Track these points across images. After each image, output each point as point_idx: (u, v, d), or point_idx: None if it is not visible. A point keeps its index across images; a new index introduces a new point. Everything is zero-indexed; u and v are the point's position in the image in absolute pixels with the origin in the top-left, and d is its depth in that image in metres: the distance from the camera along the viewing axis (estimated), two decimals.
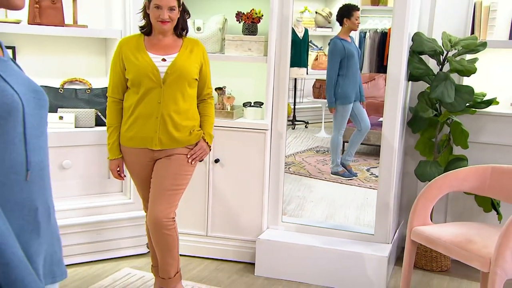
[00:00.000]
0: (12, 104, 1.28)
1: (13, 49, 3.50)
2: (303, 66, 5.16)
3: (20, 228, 1.33)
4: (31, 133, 1.34)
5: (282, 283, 3.30)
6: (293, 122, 5.58)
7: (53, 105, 3.48)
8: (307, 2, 5.45)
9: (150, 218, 2.82)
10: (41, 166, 1.38)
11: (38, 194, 1.38)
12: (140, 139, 2.80)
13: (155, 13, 2.68)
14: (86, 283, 3.21)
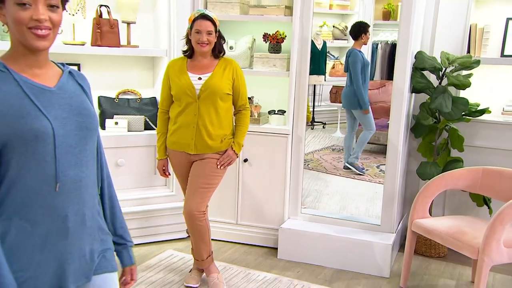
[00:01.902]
0: (40, 129, 1.29)
1: (78, 66, 3.53)
2: (321, 73, 5.12)
3: (48, 231, 1.34)
4: (66, 151, 1.34)
5: (301, 265, 3.31)
6: (312, 123, 5.55)
7: (109, 112, 3.53)
8: (326, 17, 5.40)
9: (185, 210, 2.84)
10: (76, 179, 1.37)
11: (71, 203, 1.37)
12: (180, 144, 2.83)
13: (195, 37, 2.71)
14: (139, 261, 3.21)
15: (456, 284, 3.08)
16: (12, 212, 1.29)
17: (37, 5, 1.24)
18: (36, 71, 1.33)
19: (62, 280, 1.38)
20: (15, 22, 1.25)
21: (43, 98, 1.31)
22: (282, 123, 3.51)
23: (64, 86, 1.38)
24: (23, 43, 1.29)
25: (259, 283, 2.99)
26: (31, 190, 1.30)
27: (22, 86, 1.29)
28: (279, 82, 3.56)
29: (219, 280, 2.90)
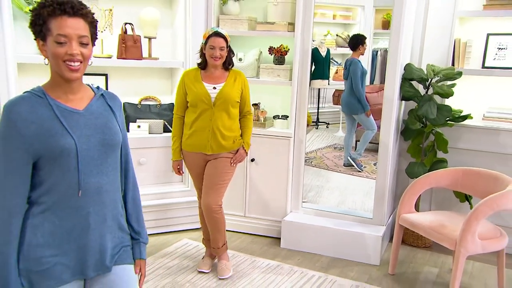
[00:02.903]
0: (65, 145, 1.40)
1: (106, 76, 3.65)
2: (325, 78, 5.20)
3: (73, 226, 1.46)
4: (88, 163, 1.45)
5: (301, 254, 3.40)
6: (317, 123, 5.65)
7: (133, 117, 3.65)
8: (330, 27, 5.46)
9: (204, 205, 2.95)
10: (97, 186, 1.48)
11: (92, 205, 1.48)
12: (197, 145, 2.90)
13: (209, 52, 2.80)
14: (156, 249, 3.38)
15: (439, 271, 3.21)
16: (46, 208, 1.43)
17: (71, 43, 1.38)
18: (69, 96, 1.46)
19: (84, 267, 1.50)
20: (53, 56, 1.39)
21: (71, 119, 1.44)
22: (285, 127, 3.58)
23: (92, 108, 1.49)
24: (59, 74, 1.42)
25: (263, 269, 3.13)
26: (61, 193, 1.44)
27: (54, 110, 1.41)
28: (282, 90, 3.63)
29: (226, 267, 3.03)
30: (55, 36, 1.37)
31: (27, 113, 1.38)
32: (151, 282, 2.91)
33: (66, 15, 1.38)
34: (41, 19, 1.38)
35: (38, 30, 1.40)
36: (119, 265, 1.58)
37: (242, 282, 2.96)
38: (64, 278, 1.47)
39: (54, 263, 1.45)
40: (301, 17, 3.36)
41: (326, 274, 3.10)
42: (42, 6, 1.39)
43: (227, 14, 3.67)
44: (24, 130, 1.37)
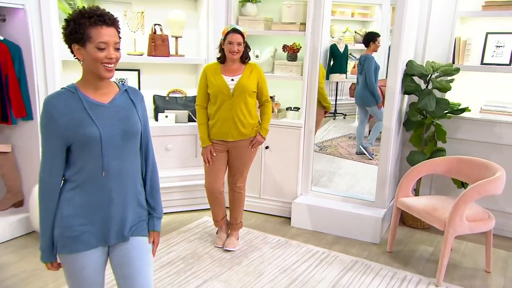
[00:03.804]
0: (89, 134, 1.53)
1: (138, 71, 3.87)
2: (343, 72, 5.20)
3: (98, 201, 1.59)
4: (110, 149, 1.56)
5: (308, 232, 3.57)
6: (334, 114, 5.75)
7: (161, 107, 3.88)
8: (349, 24, 5.46)
9: (231, 184, 3.16)
10: (118, 168, 1.60)
11: (114, 184, 1.61)
12: (220, 134, 3.02)
13: (228, 47, 2.91)
14: (180, 225, 3.62)
15: (433, 250, 3.33)
16: (76, 185, 1.59)
17: (109, 48, 1.51)
18: (98, 92, 1.59)
19: (107, 235, 1.64)
20: (93, 59, 1.51)
21: (97, 111, 1.56)
22: (297, 118, 3.73)
23: (116, 102, 1.61)
24: (95, 73, 1.54)
25: (273, 245, 3.33)
26: (88, 173, 1.58)
27: (84, 103, 1.55)
28: (295, 84, 3.76)
29: (233, 242, 3.23)
30: (97, 43, 1.49)
31: (61, 106, 1.52)
32: (175, 253, 3.16)
33: (105, 25, 1.50)
34: (82, 28, 1.49)
35: (79, 37, 1.50)
36: (135, 236, 1.70)
37: (254, 255, 3.17)
38: (91, 243, 1.62)
39: (83, 231, 1.59)
40: (311, 18, 3.49)
41: (329, 250, 3.27)
42: (82, 16, 1.50)
43: (246, 15, 3.83)
44: (59, 120, 1.51)
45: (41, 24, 3.16)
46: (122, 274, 1.69)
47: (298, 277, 2.90)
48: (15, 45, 3.20)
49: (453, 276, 2.98)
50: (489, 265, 3.03)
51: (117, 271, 1.70)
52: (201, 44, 3.95)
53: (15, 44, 3.20)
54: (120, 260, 1.68)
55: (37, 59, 3.21)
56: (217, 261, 3.06)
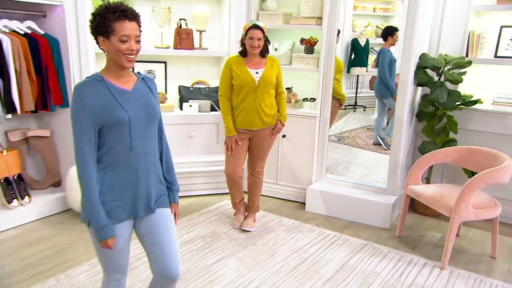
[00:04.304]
0: (118, 117, 1.62)
1: (165, 63, 4.01)
2: (363, 66, 5.24)
3: (127, 178, 1.69)
4: (137, 130, 1.66)
5: (322, 217, 3.66)
6: (354, 106, 5.77)
7: (186, 97, 4.00)
8: (371, 19, 5.46)
9: (251, 169, 3.27)
10: (144, 148, 1.71)
11: (140, 162, 1.71)
12: (245, 123, 3.10)
13: (249, 42, 2.99)
14: (201, 207, 3.77)
15: (441, 236, 3.36)
16: (107, 165, 1.67)
17: (131, 41, 1.61)
18: (121, 80, 1.68)
19: (135, 209, 1.75)
20: (116, 50, 1.60)
21: (124, 97, 1.66)
22: (313, 108, 3.79)
23: (137, 88, 1.72)
24: (117, 63, 1.63)
25: (287, 227, 3.44)
26: (118, 153, 1.67)
27: (111, 90, 1.64)
28: (311, 76, 3.81)
29: (250, 224, 3.35)
30: (120, 36, 1.58)
31: (92, 92, 1.61)
32: (195, 232, 3.32)
33: (127, 19, 1.59)
34: (107, 22, 1.59)
35: (104, 30, 1.60)
36: (159, 208, 1.82)
37: (269, 236, 3.29)
38: (122, 217, 1.73)
39: (114, 206, 1.69)
40: (328, 13, 3.54)
41: (340, 234, 3.35)
42: (107, 11, 1.59)
43: (266, 10, 3.90)
44: (91, 105, 1.60)
45: (77, 19, 3.35)
46: (152, 241, 1.79)
47: (309, 257, 3.00)
48: (54, 38, 3.41)
49: (459, 261, 3.02)
50: (495, 251, 3.05)
51: (147, 239, 1.80)
52: (223, 37, 4.06)
53: (54, 38, 3.41)
54: (149, 229, 1.79)
55: (73, 51, 3.41)
56: (233, 240, 3.20)
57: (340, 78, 4.06)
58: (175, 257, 1.80)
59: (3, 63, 3.14)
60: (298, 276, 2.76)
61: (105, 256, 1.78)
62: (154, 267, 1.81)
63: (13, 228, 3.31)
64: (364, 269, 2.86)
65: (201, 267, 2.82)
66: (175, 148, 3.86)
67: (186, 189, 3.98)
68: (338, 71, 3.94)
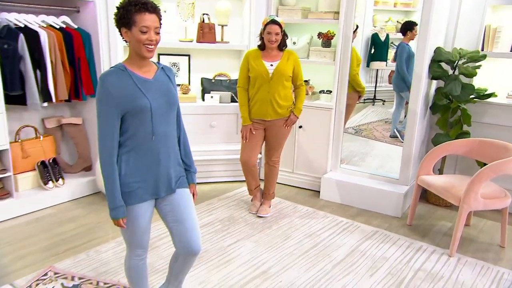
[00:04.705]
0: (141, 105, 1.68)
1: (189, 56, 4.10)
2: (383, 60, 5.22)
3: (149, 161, 1.75)
4: (158, 117, 1.72)
5: (335, 205, 3.72)
6: (373, 100, 5.76)
7: (208, 89, 4.10)
8: (391, 14, 5.42)
9: (267, 158, 3.34)
10: (165, 133, 1.77)
11: (161, 146, 1.77)
12: (259, 113, 3.16)
13: (267, 36, 3.05)
14: (221, 192, 3.88)
15: (452, 225, 3.38)
16: (131, 149, 1.74)
17: (150, 32, 1.66)
18: (142, 69, 1.74)
19: (157, 190, 1.83)
20: (137, 41, 1.66)
21: (145, 86, 1.71)
22: (329, 100, 3.83)
23: (158, 77, 1.77)
24: (138, 54, 1.69)
25: (301, 214, 3.52)
26: (140, 138, 1.73)
27: (134, 79, 1.69)
28: (328, 69, 3.85)
29: (266, 210, 3.44)
30: (140, 27, 1.65)
31: (116, 81, 1.67)
32: (214, 216, 3.44)
33: (148, 12, 1.65)
34: (129, 14, 1.65)
35: (126, 22, 1.66)
36: (179, 188, 1.90)
37: (283, 221, 3.38)
38: (144, 197, 1.80)
39: (137, 187, 1.76)
40: (344, 8, 3.57)
41: (353, 221, 3.41)
42: (129, 4, 1.66)
43: (285, 5, 3.96)
44: (115, 93, 1.66)
45: (107, 14, 3.51)
46: (175, 218, 1.87)
47: (321, 242, 3.08)
48: (86, 32, 3.58)
49: (468, 249, 3.03)
50: (504, 241, 3.05)
51: (169, 217, 1.88)
52: (244, 31, 4.13)
53: (86, 32, 3.58)
54: (171, 208, 1.87)
55: (103, 44, 3.57)
56: (250, 224, 3.30)
57: (358, 71, 4.09)
58: (196, 232, 1.89)
59: (40, 55, 3.33)
60: (310, 258, 2.84)
61: (128, 233, 1.86)
62: (177, 242, 1.89)
63: (49, 207, 3.51)
64: (373, 254, 2.92)
65: (218, 247, 2.93)
66: (197, 137, 4.00)
67: (207, 176, 4.11)
68: (357, 64, 3.97)
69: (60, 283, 2.46)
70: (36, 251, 2.83)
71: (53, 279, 2.50)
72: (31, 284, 2.45)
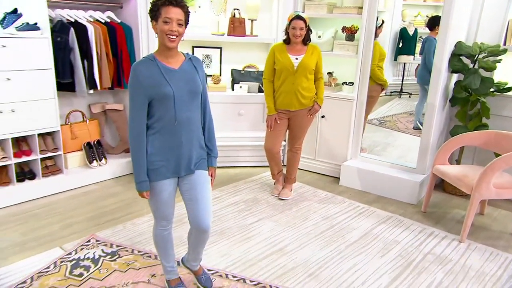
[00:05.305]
0: (165, 92, 1.75)
1: (220, 48, 4.23)
2: (411, 54, 5.16)
3: (172, 143, 1.83)
4: (181, 103, 1.79)
5: (353, 191, 3.78)
6: (400, 93, 5.71)
7: (237, 79, 4.20)
8: (421, 8, 5.32)
9: (290, 145, 3.41)
10: (188, 119, 1.84)
11: (183, 130, 1.84)
12: (284, 104, 3.23)
13: (292, 31, 3.10)
14: (247, 176, 4.01)
15: (465, 214, 3.33)
16: (156, 131, 1.83)
17: (173, 23, 1.74)
18: (170, 60, 1.82)
19: (178, 169, 1.92)
20: (161, 31, 1.75)
21: (171, 75, 1.79)
22: (351, 91, 3.86)
23: (184, 67, 1.85)
24: (163, 44, 1.77)
25: (321, 198, 3.61)
26: (164, 122, 1.81)
27: (160, 68, 1.78)
28: (351, 62, 3.86)
29: (287, 193, 3.54)
30: (163, 18, 1.73)
31: (144, 70, 1.76)
32: (239, 197, 3.58)
33: (171, 5, 1.73)
34: (156, 7, 1.76)
35: (154, 15, 1.77)
36: (198, 170, 1.99)
37: (303, 204, 3.49)
38: (167, 175, 1.90)
39: (161, 166, 1.87)
40: (368, 2, 3.57)
41: (369, 206, 3.47)
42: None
43: (311, 0, 4.00)
44: (143, 81, 1.76)
45: (147, 10, 3.67)
46: (190, 197, 1.98)
47: (336, 224, 3.17)
48: (128, 26, 3.79)
49: (479, 236, 3.04)
50: None
51: (186, 195, 1.99)
52: (272, 26, 4.20)
53: (128, 26, 3.79)
54: (188, 187, 1.98)
55: (143, 37, 3.76)
56: (271, 206, 3.43)
57: (382, 65, 4.08)
58: (207, 211, 1.98)
59: (88, 47, 3.57)
60: (325, 239, 2.95)
61: (153, 205, 2.00)
62: (190, 218, 2.01)
63: (93, 183, 3.79)
64: (386, 237, 2.99)
65: (241, 225, 3.09)
66: (226, 124, 4.15)
67: (234, 160, 4.26)
68: (381, 58, 3.97)
69: (100, 249, 2.70)
70: (82, 221, 3.09)
71: (94, 246, 2.74)
72: (76, 249, 2.70)
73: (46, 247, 2.71)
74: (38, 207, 3.27)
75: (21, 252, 2.65)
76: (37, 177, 3.47)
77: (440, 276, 2.54)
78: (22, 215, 3.14)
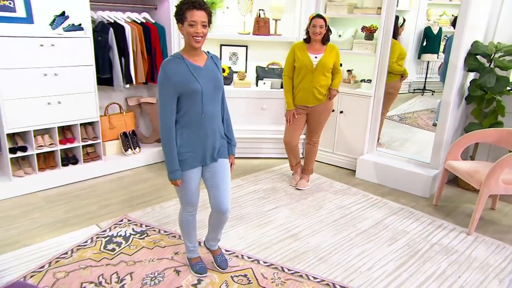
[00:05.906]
0: (194, 88, 1.81)
1: (246, 47, 4.31)
2: (435, 52, 5.08)
3: (199, 135, 1.90)
4: (207, 98, 1.86)
5: (368, 183, 3.80)
6: (423, 90, 5.63)
7: (261, 76, 4.27)
8: (446, 8, 5.24)
9: (308, 139, 3.48)
10: (212, 112, 1.91)
11: (208, 123, 1.92)
12: (302, 100, 3.28)
13: (312, 30, 3.15)
14: (267, 166, 4.10)
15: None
16: (184, 125, 1.90)
17: (197, 25, 1.80)
18: (195, 58, 1.90)
19: (204, 158, 2.01)
20: (187, 33, 1.81)
21: (198, 72, 1.86)
22: (369, 88, 3.86)
23: (208, 65, 1.93)
24: (189, 44, 1.85)
25: (337, 189, 3.67)
26: (192, 116, 1.88)
27: (188, 66, 1.84)
28: (369, 60, 3.87)
29: (304, 184, 3.60)
30: (189, 21, 1.79)
31: (173, 68, 1.82)
32: (259, 185, 3.68)
33: (195, 9, 1.79)
34: (181, 11, 1.81)
35: (180, 18, 1.82)
36: (220, 158, 2.08)
37: (319, 194, 3.56)
38: (194, 164, 1.99)
39: (189, 156, 1.95)
40: (386, 3, 3.57)
41: (382, 198, 3.50)
42: (183, 3, 1.83)
43: (333, 1, 4.02)
44: (173, 78, 1.81)
45: None
46: (212, 183, 2.08)
47: (349, 213, 3.23)
48: (161, 26, 3.96)
49: (488, 230, 3.02)
50: None
51: (209, 182, 2.09)
52: (295, 25, 4.24)
53: (162, 26, 3.96)
54: (211, 174, 2.07)
55: (174, 37, 3.93)
56: (289, 195, 3.52)
57: (402, 63, 4.06)
58: (227, 195, 2.08)
59: (125, 46, 3.77)
60: (337, 227, 3.02)
61: (181, 193, 2.09)
62: (211, 202, 2.11)
63: (128, 170, 4.02)
64: (396, 228, 3.03)
65: (259, 211, 3.20)
66: (250, 117, 4.27)
67: (256, 152, 4.37)
68: (401, 57, 3.96)
69: (131, 228, 2.90)
70: (116, 203, 3.31)
71: (126, 225, 2.95)
72: (110, 227, 2.91)
73: (85, 224, 2.93)
74: (79, 189, 3.52)
75: (63, 227, 2.89)
76: (79, 162, 3.71)
77: (444, 266, 2.57)
78: (66, 195, 3.40)
